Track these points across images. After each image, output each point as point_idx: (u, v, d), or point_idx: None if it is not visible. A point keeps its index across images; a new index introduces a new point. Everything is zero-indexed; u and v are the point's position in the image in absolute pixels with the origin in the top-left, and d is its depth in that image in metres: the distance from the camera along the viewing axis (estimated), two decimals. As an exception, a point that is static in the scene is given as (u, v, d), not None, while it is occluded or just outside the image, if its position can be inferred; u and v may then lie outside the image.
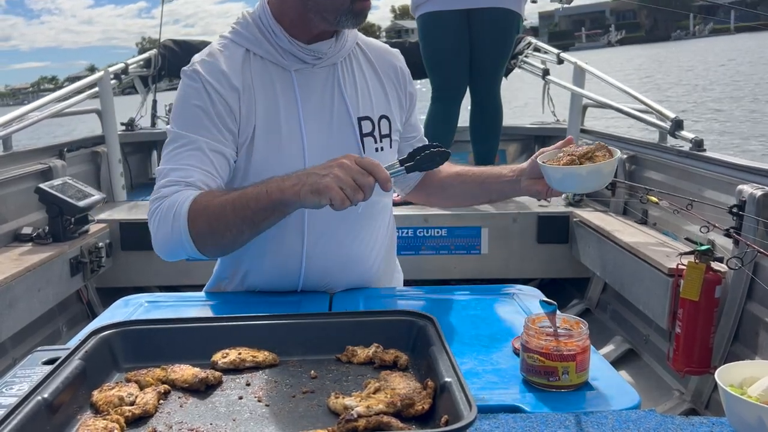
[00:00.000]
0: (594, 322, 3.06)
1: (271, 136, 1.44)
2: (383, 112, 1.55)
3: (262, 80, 1.45)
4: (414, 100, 1.67)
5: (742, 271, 2.06)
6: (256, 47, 1.46)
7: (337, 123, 1.49)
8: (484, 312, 1.41)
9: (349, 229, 1.52)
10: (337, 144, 1.47)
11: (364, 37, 1.62)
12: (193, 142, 1.38)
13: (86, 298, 3.17)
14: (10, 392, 0.99)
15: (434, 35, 3.39)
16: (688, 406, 2.26)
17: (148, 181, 4.49)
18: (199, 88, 1.41)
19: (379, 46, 1.62)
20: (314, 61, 1.47)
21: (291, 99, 1.46)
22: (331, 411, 0.88)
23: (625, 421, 0.94)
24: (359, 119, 1.51)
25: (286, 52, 1.45)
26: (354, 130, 1.49)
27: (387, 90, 1.58)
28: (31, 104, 3.24)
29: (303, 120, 1.45)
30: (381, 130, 1.54)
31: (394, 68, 1.61)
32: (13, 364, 1.47)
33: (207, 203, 1.28)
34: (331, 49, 1.48)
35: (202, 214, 1.28)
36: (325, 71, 1.49)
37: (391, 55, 1.62)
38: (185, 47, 4.58)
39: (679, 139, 2.78)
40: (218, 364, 1.00)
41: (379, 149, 1.53)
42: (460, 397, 0.79)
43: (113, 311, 1.51)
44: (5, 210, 2.87)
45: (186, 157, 1.37)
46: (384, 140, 1.55)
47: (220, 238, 1.30)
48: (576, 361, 1.04)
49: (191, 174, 1.34)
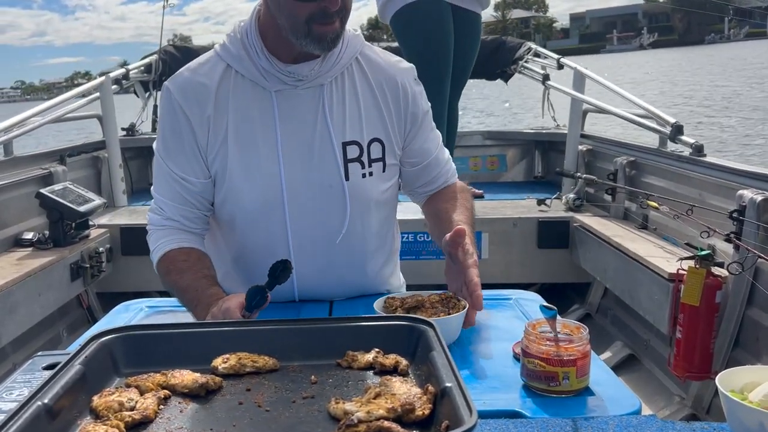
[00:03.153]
0: (594, 327, 3.06)
1: (248, 157, 1.42)
2: (375, 135, 1.47)
3: (237, 100, 1.41)
4: (420, 121, 1.54)
5: (742, 276, 2.06)
6: (238, 65, 1.42)
7: (318, 147, 1.43)
8: (484, 317, 1.41)
9: (337, 251, 1.49)
10: (317, 169, 1.43)
11: (373, 51, 1.53)
12: (164, 170, 1.46)
13: (86, 303, 3.17)
14: (10, 397, 0.99)
15: (423, 26, 3.20)
16: (689, 411, 2.26)
17: (148, 186, 4.45)
18: (168, 105, 1.44)
19: (383, 62, 1.51)
20: (295, 83, 1.41)
21: (269, 120, 1.41)
22: (331, 416, 0.87)
23: (626, 426, 0.93)
24: (345, 144, 1.44)
25: (266, 72, 1.40)
26: (337, 156, 1.43)
27: (384, 110, 1.48)
28: (31, 110, 3.25)
29: (281, 143, 1.41)
30: (371, 155, 1.47)
31: (395, 86, 1.50)
32: (13, 369, 1.47)
33: (165, 271, 1.44)
34: (313, 71, 1.40)
35: (161, 274, 1.46)
36: (311, 93, 1.42)
37: (395, 71, 1.51)
38: (186, 53, 4.59)
39: (679, 144, 2.78)
40: (218, 369, 1.00)
41: (366, 174, 1.46)
42: (460, 403, 0.78)
43: (113, 316, 1.51)
44: (6, 215, 2.88)
45: (162, 184, 1.48)
46: (374, 165, 1.47)
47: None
48: (576, 366, 1.04)
49: (164, 208, 1.47)
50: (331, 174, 1.44)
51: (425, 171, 1.59)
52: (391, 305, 1.31)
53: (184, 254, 1.43)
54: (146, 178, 4.60)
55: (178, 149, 1.43)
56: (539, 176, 4.53)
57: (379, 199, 1.51)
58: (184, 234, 1.47)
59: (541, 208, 3.36)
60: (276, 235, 1.45)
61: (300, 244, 1.46)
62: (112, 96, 3.82)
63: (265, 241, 1.46)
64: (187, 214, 1.46)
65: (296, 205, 1.43)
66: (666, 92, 18.50)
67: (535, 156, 4.58)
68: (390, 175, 1.53)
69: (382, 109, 1.48)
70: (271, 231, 1.45)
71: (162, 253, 1.44)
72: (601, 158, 3.51)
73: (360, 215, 1.49)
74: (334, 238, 1.47)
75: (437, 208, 1.57)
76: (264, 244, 1.46)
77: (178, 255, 1.43)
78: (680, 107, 14.25)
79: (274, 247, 1.44)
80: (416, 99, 1.53)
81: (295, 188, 1.43)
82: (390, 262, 1.65)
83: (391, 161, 1.52)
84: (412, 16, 3.25)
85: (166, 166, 1.45)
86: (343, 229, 1.46)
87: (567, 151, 3.71)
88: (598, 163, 3.54)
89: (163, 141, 1.46)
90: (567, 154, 3.70)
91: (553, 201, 3.44)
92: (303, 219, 1.45)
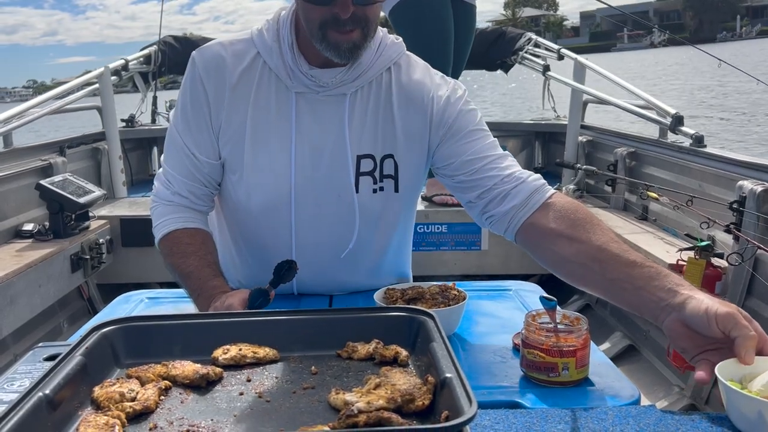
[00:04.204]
0: (594, 317, 3.07)
1: (260, 152, 1.39)
2: (389, 151, 1.41)
3: (259, 92, 1.38)
4: (456, 128, 1.40)
5: (742, 267, 2.07)
6: (267, 56, 1.38)
7: (330, 157, 1.38)
8: (484, 308, 1.41)
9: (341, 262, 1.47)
10: (328, 176, 1.39)
11: (411, 63, 1.45)
12: (177, 143, 1.44)
13: (87, 295, 3.18)
14: (11, 388, 1.00)
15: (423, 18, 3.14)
16: (688, 401, 2.26)
17: (148, 177, 4.48)
18: (191, 75, 1.42)
19: (417, 74, 1.43)
20: (317, 89, 1.37)
21: (286, 120, 1.38)
22: (331, 407, 0.88)
23: (625, 416, 0.94)
24: (359, 157, 1.39)
25: (292, 71, 1.36)
26: (349, 168, 1.39)
27: (405, 125, 1.40)
28: (30, 101, 3.24)
29: (294, 145, 1.38)
30: (383, 171, 1.41)
31: (422, 99, 1.41)
32: (14, 361, 1.48)
33: (168, 252, 1.41)
34: (336, 80, 1.36)
35: (163, 253, 1.43)
36: (333, 100, 1.38)
37: (426, 85, 1.42)
38: (185, 43, 4.58)
39: (679, 135, 2.78)
40: (219, 360, 1.00)
41: (377, 190, 1.41)
42: (460, 393, 0.79)
43: (114, 307, 1.51)
44: (6, 206, 2.87)
45: (173, 157, 1.45)
46: (386, 180, 1.41)
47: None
48: (576, 356, 1.04)
49: (173, 182, 1.44)
50: (342, 184, 1.39)
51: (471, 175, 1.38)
52: (391, 296, 1.31)
53: (189, 236, 1.41)
54: (146, 169, 4.60)
55: (195, 124, 1.41)
56: (539, 167, 4.52)
57: (388, 218, 1.46)
58: (190, 213, 1.44)
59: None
60: (280, 235, 1.43)
61: (303, 247, 1.43)
62: (112, 87, 3.81)
63: (268, 240, 1.45)
64: (195, 191, 1.44)
65: (303, 208, 1.41)
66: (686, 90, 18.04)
67: (535, 147, 4.58)
68: (405, 196, 1.45)
69: (403, 123, 1.40)
70: (275, 230, 1.43)
71: (167, 231, 1.42)
72: (601, 149, 3.51)
73: (367, 231, 1.44)
74: (339, 251, 1.44)
75: (595, 247, 1.18)
76: (267, 243, 1.45)
77: (182, 236, 1.40)
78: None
79: (278, 247, 1.43)
80: (449, 108, 1.41)
81: (303, 191, 1.39)
82: (398, 280, 1.58)
83: (408, 180, 1.43)
84: (413, 8, 3.24)
85: (180, 139, 1.43)
86: (351, 244, 1.43)
87: (567, 142, 3.70)
88: (598, 154, 3.54)
89: (182, 113, 1.43)
90: (567, 145, 3.70)
91: (554, 192, 3.43)
92: (309, 223, 1.42)
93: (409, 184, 1.44)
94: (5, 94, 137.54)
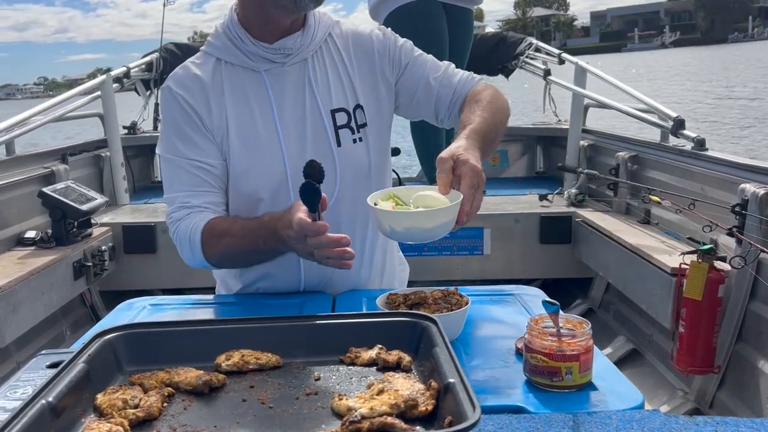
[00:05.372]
0: (597, 322, 3.06)
1: (249, 140, 1.47)
2: (357, 101, 1.54)
3: (233, 86, 1.49)
4: (402, 53, 1.57)
5: (745, 270, 2.06)
6: (226, 55, 1.50)
7: (310, 118, 1.49)
8: (486, 313, 1.41)
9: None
10: (312, 139, 1.49)
11: (343, 25, 1.60)
12: (180, 166, 1.47)
13: (90, 302, 3.18)
14: (14, 396, 0.99)
15: (417, 27, 3.15)
16: (692, 405, 2.26)
17: (150, 184, 4.49)
18: (170, 101, 1.49)
19: (351, 31, 1.59)
20: (283, 60, 1.48)
21: (265, 101, 1.48)
22: (334, 413, 0.88)
23: (629, 421, 0.93)
24: (333, 111, 1.51)
25: (254, 54, 1.48)
26: (326, 123, 1.49)
27: (361, 75, 1.55)
28: (33, 108, 3.25)
29: (278, 119, 1.48)
30: (357, 121, 1.53)
31: (364, 44, 1.57)
32: (17, 368, 1.47)
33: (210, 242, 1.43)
34: (297, 43, 1.48)
35: (206, 247, 1.43)
36: (296, 68, 1.50)
37: (360, 35, 1.58)
38: (186, 50, 4.58)
39: (681, 138, 2.78)
40: (222, 366, 1.00)
41: (357, 140, 1.52)
42: (463, 398, 0.79)
43: (117, 314, 1.51)
44: (8, 214, 2.88)
45: (182, 180, 1.48)
46: (362, 130, 1.53)
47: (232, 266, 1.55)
48: (579, 361, 1.04)
49: (190, 200, 1.47)
50: (323, 142, 1.49)
51: (428, 89, 1.57)
52: (393, 301, 1.31)
53: (221, 220, 1.46)
54: (148, 177, 4.60)
55: (192, 137, 1.47)
56: (541, 172, 4.52)
57: (378, 171, 1.56)
58: (212, 214, 1.48)
59: (543, 204, 3.36)
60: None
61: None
62: (113, 94, 3.82)
63: None
64: (213, 200, 1.49)
65: (298, 183, 1.43)
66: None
67: (536, 151, 4.58)
68: (380, 138, 1.57)
69: (358, 74, 1.54)
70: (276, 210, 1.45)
71: (201, 228, 1.43)
72: (603, 153, 3.51)
73: (354, 182, 1.51)
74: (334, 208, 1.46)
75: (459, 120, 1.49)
76: None
77: (216, 223, 1.44)
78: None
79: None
80: (387, 40, 1.58)
81: (297, 166, 1.41)
82: (391, 248, 1.68)
83: (375, 127, 1.55)
84: (406, 17, 3.25)
85: (182, 160, 1.47)
86: (335, 195, 1.47)
87: (569, 147, 3.70)
88: (600, 158, 3.54)
89: (175, 135, 1.48)
90: (569, 150, 3.70)
91: (555, 196, 3.44)
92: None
93: (382, 125, 1.58)
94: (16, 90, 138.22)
